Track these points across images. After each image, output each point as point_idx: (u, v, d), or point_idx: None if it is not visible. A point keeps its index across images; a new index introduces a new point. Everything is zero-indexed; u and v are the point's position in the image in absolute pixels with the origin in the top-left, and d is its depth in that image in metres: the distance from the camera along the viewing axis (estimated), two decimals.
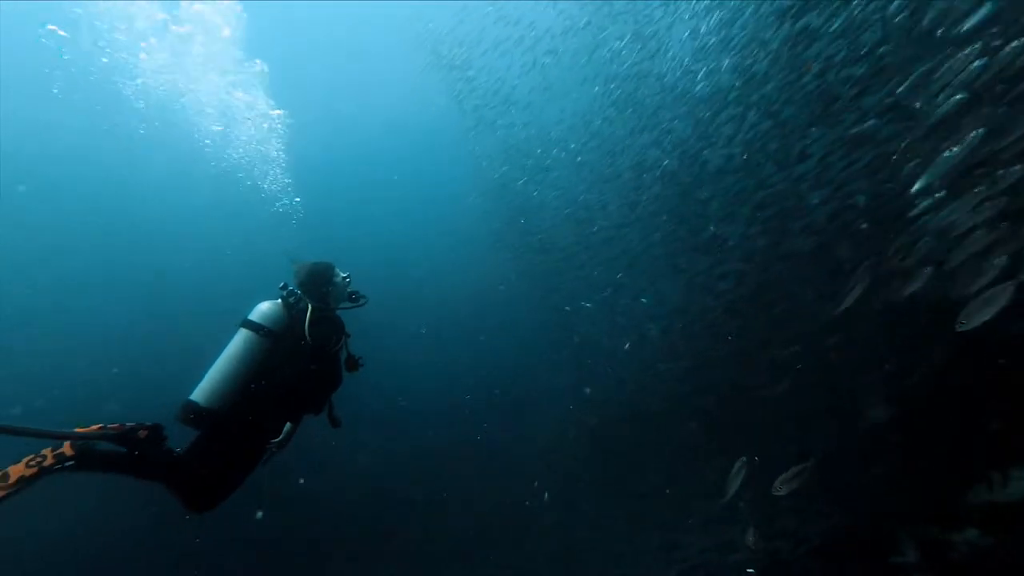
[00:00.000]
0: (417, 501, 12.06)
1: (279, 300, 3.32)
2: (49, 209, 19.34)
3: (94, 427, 2.58)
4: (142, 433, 2.69)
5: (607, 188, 10.42)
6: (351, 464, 12.67)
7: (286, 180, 11.15)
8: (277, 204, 11.12)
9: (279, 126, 11.38)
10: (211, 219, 21.01)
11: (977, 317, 3.72)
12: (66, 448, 2.44)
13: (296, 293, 3.38)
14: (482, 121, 13.75)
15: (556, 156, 11.81)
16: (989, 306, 3.68)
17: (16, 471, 2.27)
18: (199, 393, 2.97)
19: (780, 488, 4.47)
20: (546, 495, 9.80)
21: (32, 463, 2.33)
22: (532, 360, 14.95)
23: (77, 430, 2.52)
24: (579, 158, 11.28)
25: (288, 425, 3.21)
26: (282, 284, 3.42)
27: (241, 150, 11.33)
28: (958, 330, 3.77)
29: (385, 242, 23.53)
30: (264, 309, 3.22)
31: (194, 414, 2.91)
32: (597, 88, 10.52)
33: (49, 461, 2.37)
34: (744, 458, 5.09)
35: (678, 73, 8.77)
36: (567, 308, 11.58)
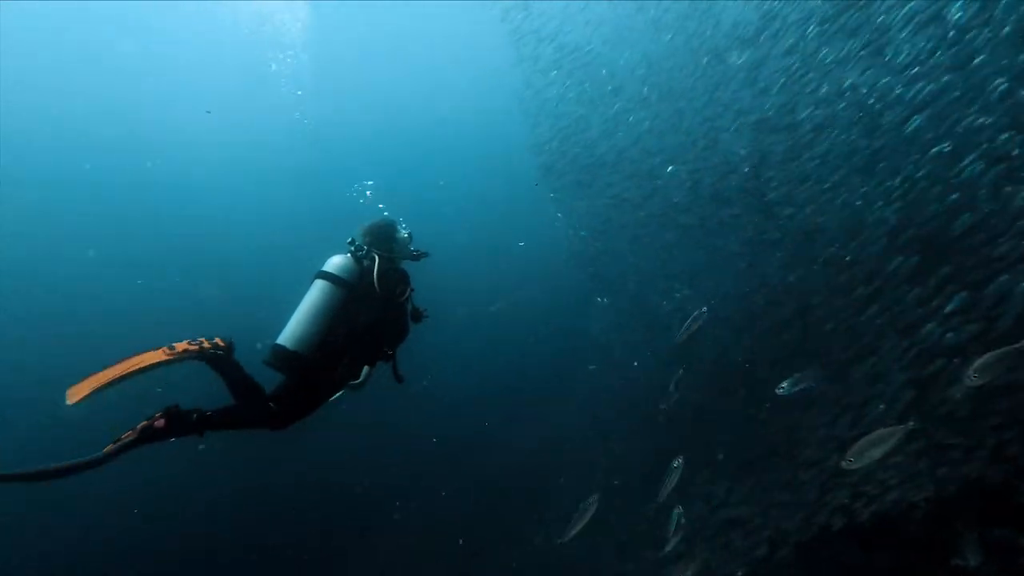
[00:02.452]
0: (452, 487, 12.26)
1: (348, 254, 3.57)
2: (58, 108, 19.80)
3: (109, 447, 2.54)
4: (158, 423, 2.70)
5: (677, 146, 9.57)
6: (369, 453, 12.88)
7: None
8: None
9: None
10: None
11: (867, 456, 3.76)
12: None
13: (363, 248, 3.63)
14: (540, 69, 12.99)
15: (622, 109, 10.95)
16: (877, 448, 3.73)
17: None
18: (286, 338, 3.20)
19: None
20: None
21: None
22: (585, 342, 14.27)
23: (105, 451, 2.51)
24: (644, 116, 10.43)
25: (366, 368, 3.36)
26: (350, 239, 3.69)
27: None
28: (844, 468, 3.85)
29: (427, 211, 23.06)
30: (337, 261, 3.45)
31: (282, 357, 3.16)
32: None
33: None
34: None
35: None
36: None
